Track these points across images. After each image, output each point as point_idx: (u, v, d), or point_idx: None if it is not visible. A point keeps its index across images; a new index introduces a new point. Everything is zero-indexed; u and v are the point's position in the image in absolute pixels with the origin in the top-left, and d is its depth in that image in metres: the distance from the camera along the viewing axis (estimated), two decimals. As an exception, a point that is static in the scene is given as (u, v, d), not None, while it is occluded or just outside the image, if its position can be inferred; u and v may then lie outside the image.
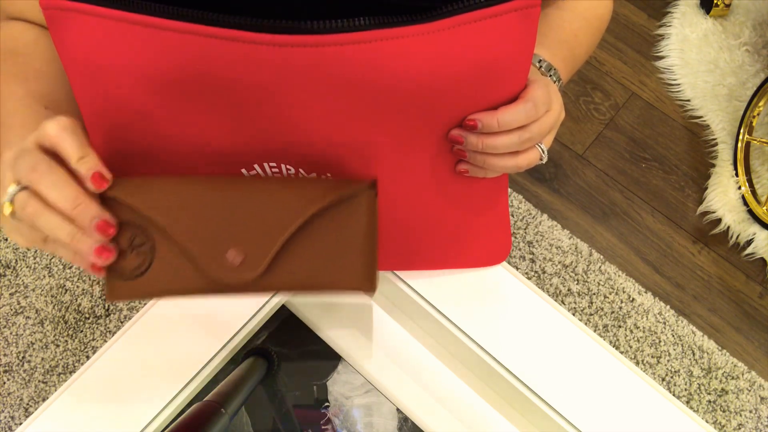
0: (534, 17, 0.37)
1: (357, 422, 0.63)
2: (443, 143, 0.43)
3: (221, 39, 0.35)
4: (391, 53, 0.36)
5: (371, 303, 0.64)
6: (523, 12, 0.36)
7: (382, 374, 0.62)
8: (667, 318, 1.32)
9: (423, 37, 0.35)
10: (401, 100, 0.38)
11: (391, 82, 0.37)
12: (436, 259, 0.54)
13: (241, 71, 0.36)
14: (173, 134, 0.41)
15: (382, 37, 0.35)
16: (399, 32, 0.35)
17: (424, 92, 0.38)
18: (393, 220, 0.48)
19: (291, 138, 0.41)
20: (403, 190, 0.46)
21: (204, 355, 0.54)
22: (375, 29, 0.35)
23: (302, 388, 0.64)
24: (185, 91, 0.38)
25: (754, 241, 1.37)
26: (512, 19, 0.36)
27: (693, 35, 1.54)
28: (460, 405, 0.61)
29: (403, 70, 0.36)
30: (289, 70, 0.36)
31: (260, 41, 0.35)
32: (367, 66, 0.36)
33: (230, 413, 0.42)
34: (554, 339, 0.55)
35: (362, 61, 0.36)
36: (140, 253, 0.39)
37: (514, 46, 0.38)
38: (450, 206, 0.49)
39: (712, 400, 1.26)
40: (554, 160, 1.45)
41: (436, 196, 0.47)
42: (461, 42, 0.36)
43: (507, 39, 0.37)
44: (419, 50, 0.36)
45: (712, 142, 1.46)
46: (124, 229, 0.38)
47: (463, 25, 0.36)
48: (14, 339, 1.27)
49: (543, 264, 1.36)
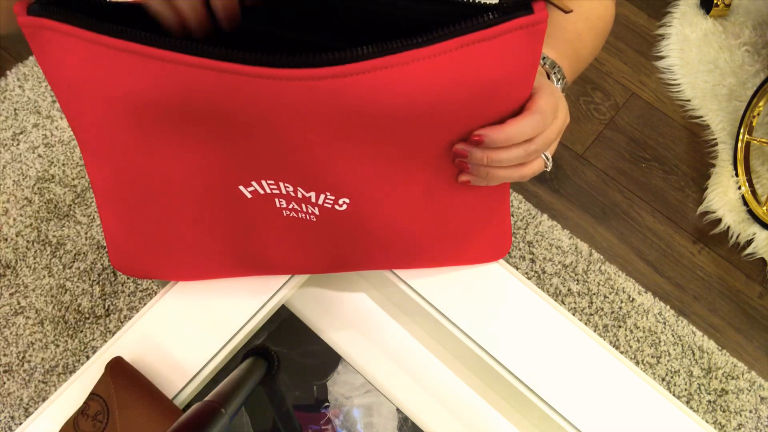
0: (540, 34, 0.35)
1: (357, 422, 0.63)
2: (446, 156, 0.42)
3: (213, 71, 0.33)
4: (392, 82, 0.34)
5: (371, 303, 0.64)
6: (528, 30, 0.35)
7: (382, 374, 0.62)
8: (667, 318, 1.32)
9: (425, 61, 0.34)
10: (403, 125, 0.37)
11: (393, 110, 0.36)
12: (437, 258, 0.54)
13: (235, 103, 0.35)
14: (167, 156, 0.40)
15: (383, 66, 0.33)
16: (400, 59, 0.33)
17: (427, 115, 0.37)
18: (394, 228, 0.48)
19: (287, 162, 0.40)
20: (404, 202, 0.46)
21: (204, 355, 0.54)
22: (375, 58, 0.33)
23: (302, 388, 0.64)
24: (178, 120, 0.37)
25: (754, 241, 1.37)
26: (517, 37, 0.35)
27: (693, 35, 1.54)
28: (460, 405, 0.61)
29: (405, 98, 0.35)
30: (285, 104, 0.35)
31: (255, 74, 0.33)
32: (367, 97, 0.34)
33: (230, 413, 0.42)
34: (554, 339, 0.55)
35: (362, 93, 0.34)
36: (95, 423, 0.49)
37: (520, 64, 0.36)
38: (452, 212, 0.49)
39: (712, 400, 1.26)
40: (554, 160, 1.45)
41: (438, 204, 0.47)
42: (465, 63, 0.35)
43: (512, 58, 0.36)
44: (422, 76, 0.34)
45: (712, 142, 1.46)
46: (95, 400, 0.50)
47: (466, 46, 0.34)
48: (14, 339, 1.27)
49: (543, 264, 1.36)
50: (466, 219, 0.50)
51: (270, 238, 0.50)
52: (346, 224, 0.47)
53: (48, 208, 1.37)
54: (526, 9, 0.34)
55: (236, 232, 0.49)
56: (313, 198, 0.44)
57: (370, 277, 0.63)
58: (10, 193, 1.38)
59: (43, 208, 1.37)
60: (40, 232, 1.35)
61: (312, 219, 0.46)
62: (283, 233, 0.49)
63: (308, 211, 0.45)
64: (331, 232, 0.48)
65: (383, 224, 0.47)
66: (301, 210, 0.46)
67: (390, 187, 0.43)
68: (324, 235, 0.48)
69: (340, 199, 0.43)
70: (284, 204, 0.45)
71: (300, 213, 0.46)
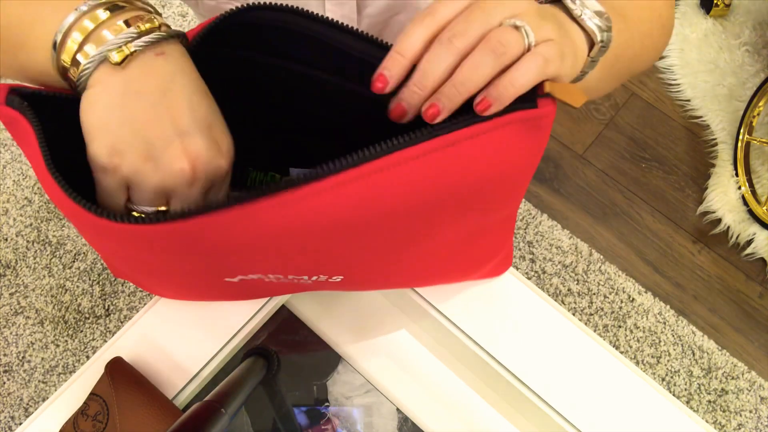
0: (544, 129, 0.33)
1: (357, 422, 0.63)
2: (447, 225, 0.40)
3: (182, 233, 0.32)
4: (390, 182, 0.32)
5: (371, 303, 0.64)
6: (529, 123, 0.32)
7: (382, 374, 0.62)
8: (667, 318, 1.32)
9: (422, 159, 0.31)
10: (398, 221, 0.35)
11: (389, 209, 0.33)
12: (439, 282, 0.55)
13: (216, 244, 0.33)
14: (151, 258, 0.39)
15: (380, 168, 0.31)
16: (398, 158, 0.31)
17: (421, 210, 0.35)
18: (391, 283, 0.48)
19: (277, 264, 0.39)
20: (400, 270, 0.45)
21: (204, 355, 0.54)
22: (372, 160, 0.30)
23: (302, 388, 0.64)
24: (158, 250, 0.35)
25: (754, 241, 1.37)
26: (515, 131, 0.32)
27: (693, 35, 1.54)
28: (460, 405, 0.61)
29: (404, 196, 0.33)
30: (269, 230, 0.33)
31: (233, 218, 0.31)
32: (363, 201, 0.32)
33: (230, 413, 0.42)
34: (554, 339, 0.55)
35: (358, 198, 0.32)
36: (95, 424, 0.49)
37: (519, 157, 0.34)
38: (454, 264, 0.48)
39: (712, 400, 1.26)
40: (554, 160, 1.45)
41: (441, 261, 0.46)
42: (458, 160, 0.32)
43: (509, 151, 0.33)
44: (419, 173, 0.32)
45: (712, 142, 1.46)
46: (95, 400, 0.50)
47: (458, 143, 0.31)
48: (14, 339, 1.27)
49: (543, 264, 1.36)
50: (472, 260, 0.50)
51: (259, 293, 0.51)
52: (341, 286, 0.46)
53: (48, 208, 1.37)
54: (529, 102, 0.31)
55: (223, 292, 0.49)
56: (305, 278, 0.43)
57: (370, 277, 0.63)
58: (10, 193, 1.38)
59: (43, 208, 1.37)
60: (40, 232, 1.35)
61: (304, 283, 0.46)
62: (273, 290, 0.50)
63: (300, 282, 0.44)
64: (324, 288, 0.48)
65: (380, 284, 0.47)
66: (291, 282, 0.45)
67: (386, 263, 0.42)
68: (317, 288, 0.49)
69: (334, 276, 0.43)
70: (273, 280, 0.44)
71: (292, 282, 0.45)
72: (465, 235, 0.42)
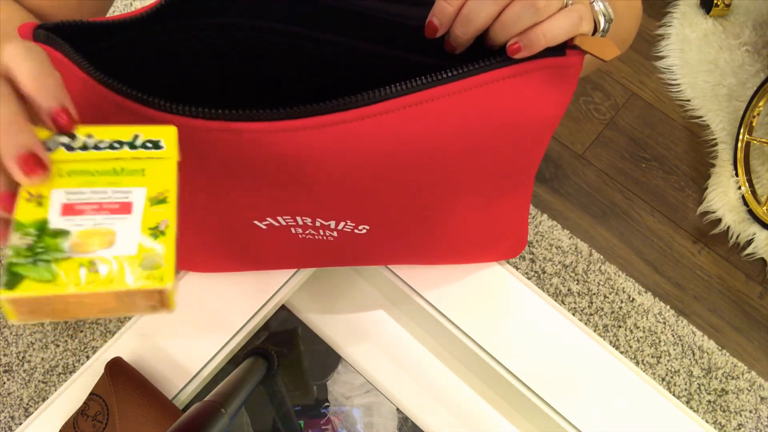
0: (571, 77, 0.34)
1: (357, 422, 0.63)
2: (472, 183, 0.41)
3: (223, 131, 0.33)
4: (416, 120, 0.34)
5: (371, 303, 0.64)
6: (556, 71, 0.34)
7: (382, 374, 0.62)
8: (667, 318, 1.32)
9: (450, 98, 0.33)
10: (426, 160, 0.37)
11: (416, 147, 0.35)
12: (459, 259, 0.54)
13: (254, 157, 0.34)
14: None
15: (408, 104, 0.33)
16: (424, 96, 0.33)
17: (451, 151, 0.36)
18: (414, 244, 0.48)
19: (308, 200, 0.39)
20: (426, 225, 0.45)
21: (204, 355, 0.54)
22: (400, 96, 0.32)
23: (302, 388, 0.64)
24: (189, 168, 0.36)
25: (754, 241, 1.37)
26: (544, 76, 0.34)
27: (693, 35, 1.54)
28: (460, 405, 0.61)
29: (428, 135, 0.34)
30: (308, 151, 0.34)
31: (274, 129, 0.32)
32: (392, 136, 0.34)
33: (230, 413, 0.42)
34: (554, 339, 0.55)
35: (385, 133, 0.34)
36: (95, 424, 0.49)
37: (546, 103, 0.35)
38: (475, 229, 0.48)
39: (712, 400, 1.26)
40: (554, 160, 1.45)
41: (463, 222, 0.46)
42: (488, 100, 0.34)
43: (538, 95, 0.35)
44: (447, 111, 0.34)
45: (712, 142, 1.46)
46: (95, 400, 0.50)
47: (489, 83, 0.33)
48: (14, 339, 1.27)
49: (543, 264, 1.36)
50: (490, 231, 0.50)
51: (282, 252, 0.50)
52: (366, 242, 0.46)
53: (48, 208, 1.37)
54: (558, 51, 0.33)
55: (244, 246, 0.49)
56: (332, 225, 0.43)
57: (369, 277, 0.63)
58: (10, 193, 1.38)
59: (43, 208, 1.37)
60: (40, 232, 1.35)
61: (329, 239, 0.46)
62: (297, 250, 0.49)
63: (326, 234, 0.45)
64: (349, 247, 0.48)
65: (404, 244, 0.47)
66: (317, 234, 0.45)
67: (413, 213, 0.43)
68: (341, 248, 0.48)
69: (360, 225, 0.43)
70: (300, 231, 0.44)
71: (317, 236, 0.45)
72: (484, 202, 0.44)
